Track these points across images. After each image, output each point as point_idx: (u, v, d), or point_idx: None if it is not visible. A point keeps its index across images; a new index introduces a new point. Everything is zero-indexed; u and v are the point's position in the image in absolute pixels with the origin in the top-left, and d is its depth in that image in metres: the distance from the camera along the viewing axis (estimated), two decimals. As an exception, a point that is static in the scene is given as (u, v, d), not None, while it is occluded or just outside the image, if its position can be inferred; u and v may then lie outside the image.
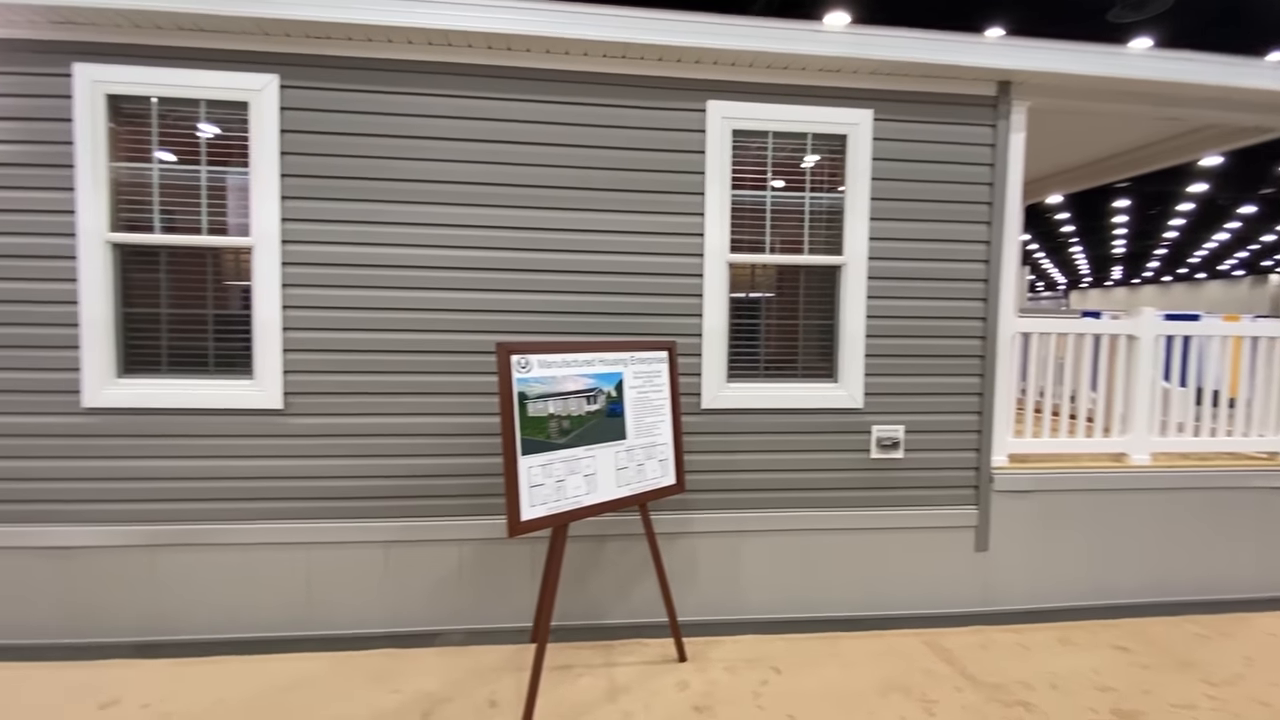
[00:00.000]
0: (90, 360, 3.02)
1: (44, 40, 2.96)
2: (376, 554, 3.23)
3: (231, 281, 3.16)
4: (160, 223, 3.07)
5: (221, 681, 2.81)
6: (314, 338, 3.14)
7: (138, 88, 3.00)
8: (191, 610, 3.16)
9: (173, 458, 3.10)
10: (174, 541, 3.13)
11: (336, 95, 3.10)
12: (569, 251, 3.25)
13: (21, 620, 3.09)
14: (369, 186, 3.13)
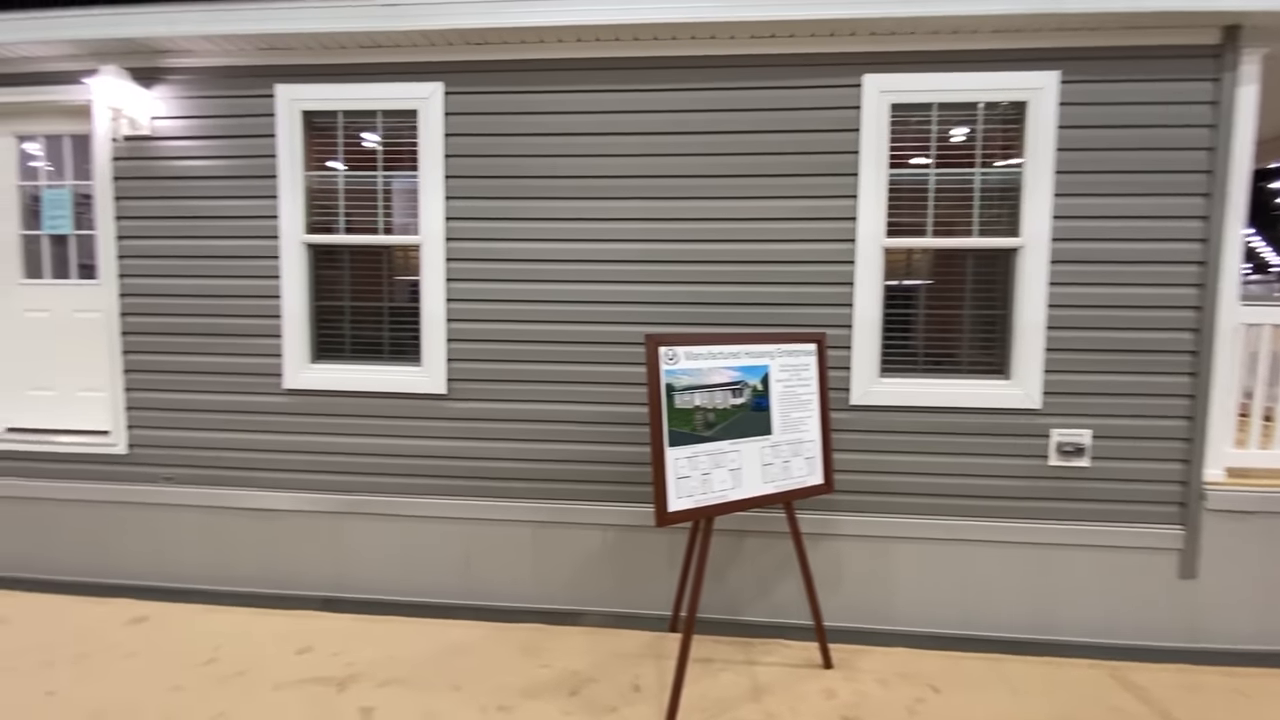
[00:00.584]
0: (289, 347, 3.44)
1: (251, 65, 3.38)
2: (526, 533, 3.40)
3: (403, 277, 3.44)
4: (345, 224, 3.41)
5: (394, 640, 3.09)
6: (474, 328, 3.34)
7: (327, 103, 3.34)
8: (368, 573, 3.51)
9: (354, 435, 3.45)
10: (354, 510, 3.48)
11: (493, 98, 3.26)
12: (715, 241, 3.19)
13: (230, 570, 3.59)
14: (524, 184, 3.27)
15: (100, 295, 3.66)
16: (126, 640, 3.05)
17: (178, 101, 3.44)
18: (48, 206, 3.70)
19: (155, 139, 3.46)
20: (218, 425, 3.53)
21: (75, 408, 3.76)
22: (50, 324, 3.75)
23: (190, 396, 3.54)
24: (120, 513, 3.63)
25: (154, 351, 3.54)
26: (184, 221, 3.47)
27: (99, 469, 3.63)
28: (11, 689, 2.64)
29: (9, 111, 3.62)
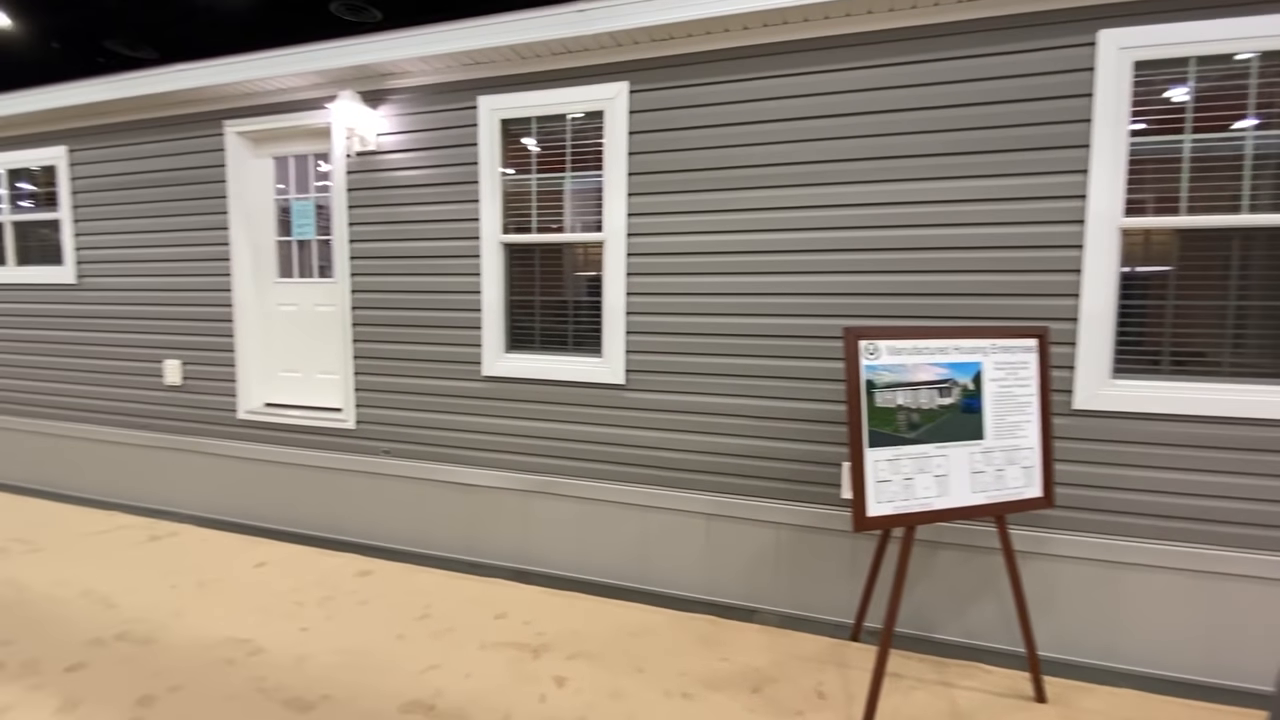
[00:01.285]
0: (487, 338, 3.74)
1: (457, 81, 3.70)
2: (700, 524, 3.42)
3: (586, 273, 3.60)
4: (536, 224, 3.63)
5: (578, 615, 3.27)
6: (653, 321, 3.41)
7: (521, 110, 3.57)
8: (552, 549, 3.75)
9: (541, 420, 3.69)
10: (541, 490, 3.73)
11: (676, 93, 3.28)
12: (915, 226, 2.96)
13: (432, 536, 4.01)
14: (705, 177, 3.26)
15: (335, 291, 4.24)
16: (358, 589, 3.52)
17: (396, 119, 3.87)
18: (295, 216, 4.36)
19: (379, 153, 3.92)
20: (426, 407, 3.95)
21: (316, 388, 4.41)
22: (297, 316, 4.43)
23: (405, 380, 3.99)
24: (348, 479, 4.20)
25: (376, 340, 4.04)
26: (401, 225, 3.91)
27: (333, 440, 4.23)
28: (274, 622, 3.16)
29: (268, 137, 4.30)
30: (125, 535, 4.28)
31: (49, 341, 5.08)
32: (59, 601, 3.33)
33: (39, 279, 5.05)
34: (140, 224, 4.65)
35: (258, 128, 4.21)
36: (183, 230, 4.51)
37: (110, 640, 2.96)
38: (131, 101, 4.42)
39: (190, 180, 4.45)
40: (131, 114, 4.55)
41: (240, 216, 4.34)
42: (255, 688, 2.62)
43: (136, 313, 4.73)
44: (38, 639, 2.96)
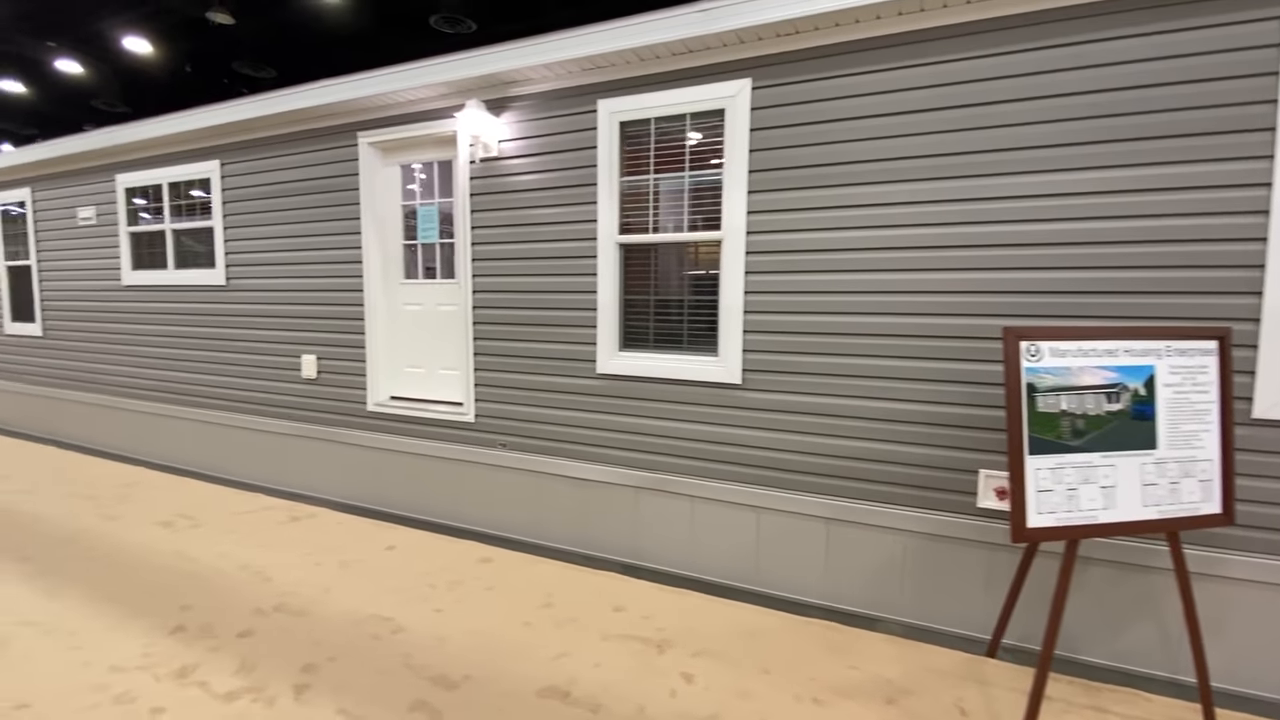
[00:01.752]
0: (602, 336, 3.82)
1: (577, 86, 3.79)
2: (819, 529, 3.36)
3: (701, 271, 3.60)
4: (653, 224, 3.67)
5: (695, 613, 3.28)
6: (772, 321, 3.37)
7: (641, 112, 3.62)
8: (663, 546, 3.78)
9: (653, 417, 3.73)
10: (652, 486, 3.77)
11: (802, 87, 3.22)
12: (1078, 220, 2.77)
13: (546, 528, 4.13)
14: (835, 172, 3.19)
15: (456, 291, 4.46)
16: (482, 576, 3.69)
17: (518, 125, 4.01)
18: (421, 221, 4.61)
19: (500, 159, 4.08)
20: (542, 402, 4.08)
21: (438, 382, 4.66)
22: (421, 315, 4.69)
23: (522, 376, 4.14)
24: (468, 470, 4.41)
25: (495, 338, 4.21)
26: (520, 228, 4.06)
27: (453, 433, 4.45)
28: (411, 603, 3.36)
29: (396, 146, 4.58)
30: (270, 516, 4.68)
31: (203, 338, 5.62)
32: (222, 573, 3.69)
33: (195, 281, 5.60)
34: (281, 230, 5.06)
35: (388, 138, 4.49)
36: (319, 235, 4.88)
37: (270, 611, 3.24)
38: (276, 118, 4.81)
39: (326, 189, 4.80)
40: (275, 129, 4.96)
41: (371, 222, 4.65)
42: (403, 663, 2.79)
43: (277, 311, 5.16)
44: (210, 606, 3.28)
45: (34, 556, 3.88)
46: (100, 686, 2.59)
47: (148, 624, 3.08)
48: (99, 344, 6.43)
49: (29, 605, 3.25)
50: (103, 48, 16.42)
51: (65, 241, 6.59)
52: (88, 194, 6.30)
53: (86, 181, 6.29)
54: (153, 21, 15.41)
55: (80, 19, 15.06)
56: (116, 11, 14.91)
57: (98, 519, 4.55)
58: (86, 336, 6.53)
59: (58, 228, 6.64)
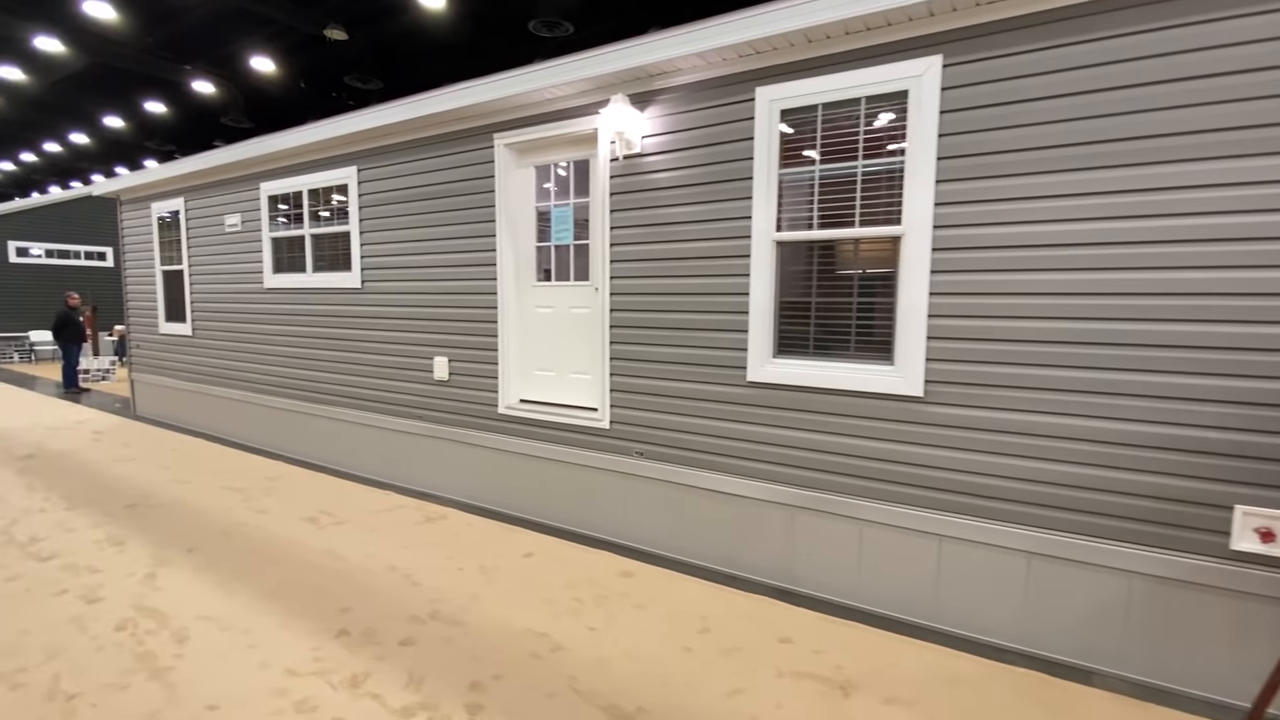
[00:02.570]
0: (754, 342, 3.57)
1: (731, 74, 3.55)
2: (1017, 563, 2.95)
3: (872, 270, 3.27)
4: (817, 219, 3.38)
5: (872, 650, 2.96)
6: (962, 325, 3.00)
7: (805, 99, 3.33)
8: (821, 571, 3.48)
9: (812, 431, 3.43)
10: (810, 506, 3.48)
11: (1008, 62, 2.84)
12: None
13: (685, 542, 3.92)
14: (1038, 157, 2.79)
15: (591, 294, 4.33)
16: (627, 591, 3.52)
17: (662, 119, 3.82)
18: (555, 222, 4.52)
19: (643, 156, 3.90)
20: (684, 410, 3.87)
21: (568, 386, 4.55)
22: (552, 318, 4.59)
23: (662, 383, 3.95)
24: (600, 478, 4.27)
25: (634, 342, 4.04)
26: (663, 228, 3.86)
27: (586, 439, 4.32)
28: (562, 618, 3.23)
29: (532, 147, 4.50)
30: (404, 515, 4.73)
31: (338, 339, 5.81)
32: (372, 574, 3.70)
33: (331, 284, 5.79)
34: (415, 233, 5.12)
35: (524, 139, 4.42)
36: (453, 238, 4.89)
37: (426, 618, 3.20)
38: (414, 122, 4.86)
39: (460, 192, 4.80)
40: (412, 134, 5.02)
41: (505, 224, 4.60)
42: (569, 686, 2.65)
43: (411, 314, 5.23)
44: (368, 609, 3.28)
45: (199, 547, 4.06)
46: (280, 691, 2.58)
47: (313, 625, 3.10)
48: (242, 343, 6.81)
49: (205, 599, 3.36)
50: (231, 68, 17.78)
51: (213, 247, 7.03)
52: (234, 202, 6.68)
53: (233, 190, 6.68)
54: (275, 41, 16.52)
55: (214, 43, 16.34)
56: (245, 33, 16.08)
57: (249, 512, 4.74)
58: (231, 336, 6.94)
59: (207, 234, 7.10)
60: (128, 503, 4.91)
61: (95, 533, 4.28)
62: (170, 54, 16.59)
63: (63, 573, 3.66)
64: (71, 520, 4.51)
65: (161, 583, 3.55)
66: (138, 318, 8.38)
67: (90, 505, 4.84)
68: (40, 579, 3.58)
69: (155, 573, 3.67)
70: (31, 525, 4.41)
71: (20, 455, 6.32)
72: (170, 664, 2.77)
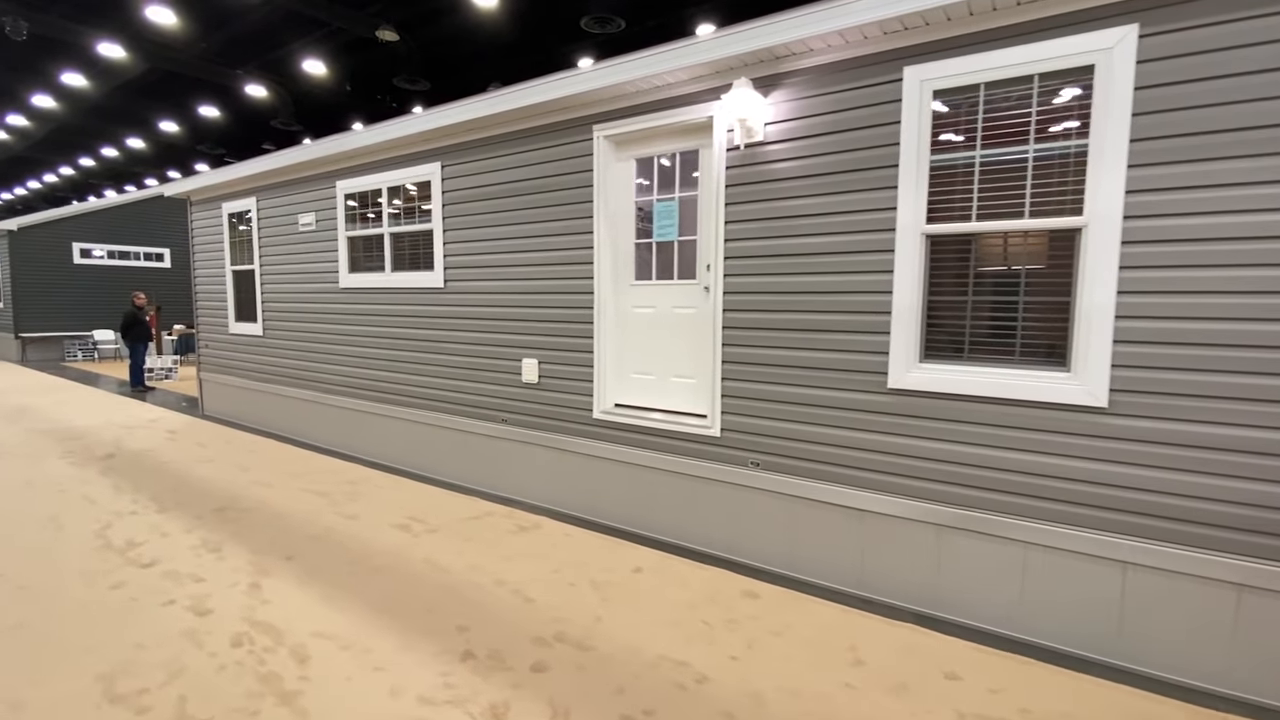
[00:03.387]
0: (898, 345, 3.27)
1: (874, 54, 3.26)
2: (1224, 595, 2.61)
3: (1043, 266, 2.96)
4: (976, 210, 3.07)
5: (1056, 691, 2.65)
6: (1159, 329, 2.67)
7: (964, 78, 3.03)
8: (973, 597, 3.17)
9: (968, 443, 3.13)
10: (961, 525, 3.17)
11: (1210, 32, 2.50)
12: None
13: (805, 559, 3.64)
14: (1253, 139, 2.44)
15: (696, 293, 4.08)
16: (757, 614, 3.25)
17: (789, 105, 3.55)
18: (657, 217, 4.28)
19: (765, 144, 3.64)
20: (809, 419, 3.59)
21: (670, 391, 4.31)
22: (653, 318, 4.36)
23: (783, 389, 3.67)
24: (709, 489, 4.02)
25: (750, 345, 3.78)
26: (788, 221, 3.59)
27: (693, 447, 4.07)
28: (696, 644, 2.98)
29: (634, 138, 4.27)
30: (495, 523, 4.54)
31: (418, 339, 5.67)
32: (480, 588, 3.51)
33: (411, 284, 5.65)
34: (503, 231, 4.94)
35: (627, 130, 4.19)
36: (545, 236, 4.69)
37: (551, 640, 2.98)
38: (506, 115, 4.67)
39: (555, 187, 4.60)
40: (502, 127, 4.84)
41: (604, 219, 4.38)
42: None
43: (498, 314, 5.05)
44: (487, 629, 3.08)
45: (296, 555, 3.92)
46: (420, 722, 2.39)
47: (436, 646, 2.91)
48: (316, 344, 6.74)
49: (315, 613, 3.20)
50: (281, 71, 18.02)
51: (286, 247, 6.98)
52: (308, 201, 6.60)
53: (307, 189, 6.60)
54: (325, 44, 16.68)
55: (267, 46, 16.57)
56: (297, 36, 16.25)
57: (337, 517, 4.60)
58: (304, 336, 6.88)
59: (279, 234, 7.05)
60: (216, 506, 4.83)
61: (190, 537, 4.18)
62: (224, 58, 16.90)
63: (166, 581, 3.55)
64: (164, 524, 4.43)
65: (268, 593, 3.41)
66: (207, 318, 8.41)
67: (179, 508, 4.76)
68: (145, 587, 3.47)
69: (259, 583, 3.54)
70: (126, 528, 4.33)
71: (101, 455, 6.33)
72: (297, 687, 2.60)
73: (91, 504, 4.82)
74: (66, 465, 5.91)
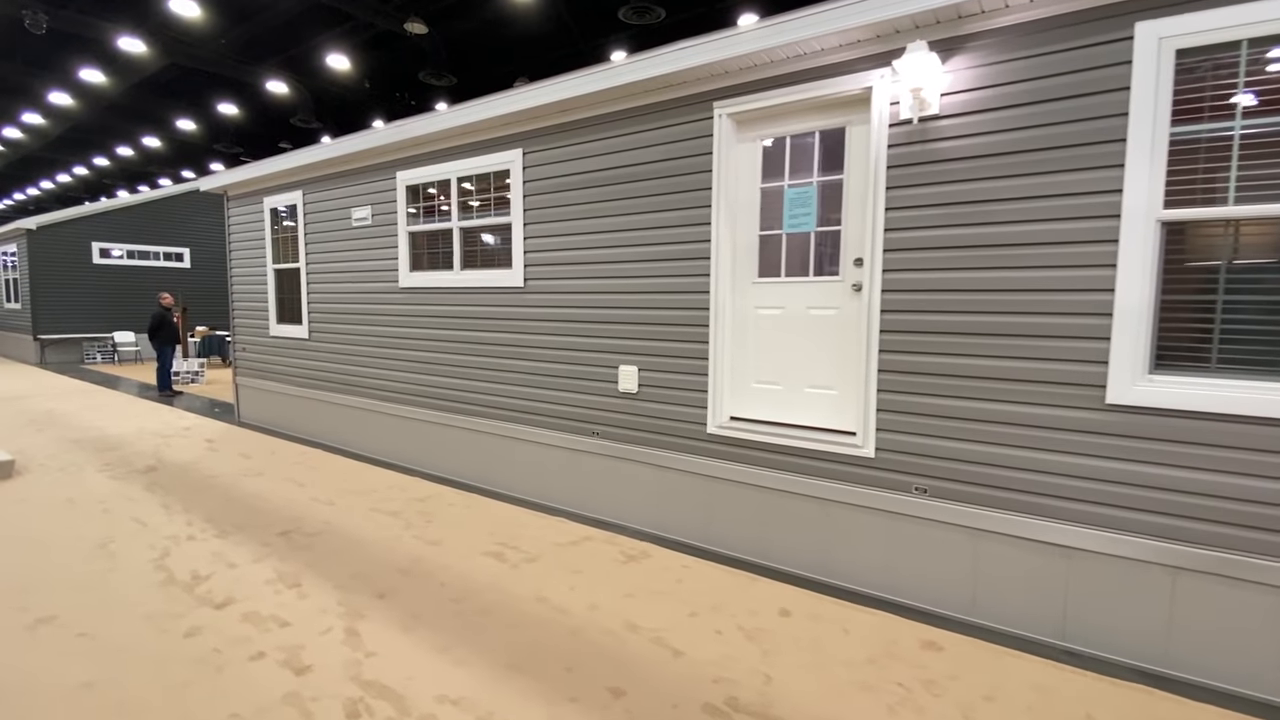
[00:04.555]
0: (1120, 353, 2.75)
1: (1093, 8, 2.75)
2: None
3: (1329, 258, 2.43)
4: (1236, 193, 2.55)
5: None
6: None
7: (1217, 34, 2.51)
8: (1216, 652, 2.65)
9: (1221, 471, 2.60)
10: (1203, 568, 2.65)
11: None
12: None
13: (999, 606, 3.12)
14: None
15: (841, 292, 3.58)
16: (953, 671, 2.74)
17: (974, 72, 3.04)
18: (791, 205, 3.77)
19: (940, 119, 3.13)
20: (998, 439, 3.07)
21: (802, 404, 3.79)
22: (782, 320, 3.84)
23: (959, 403, 3.16)
24: (858, 517, 3.50)
25: (916, 351, 3.27)
26: (970, 207, 3.08)
27: (836, 468, 3.56)
28: (902, 715, 2.46)
29: (763, 116, 3.76)
30: (596, 550, 4.03)
31: (492, 344, 5.17)
32: (614, 636, 3.00)
33: (485, 283, 5.16)
34: (595, 224, 4.44)
35: (755, 106, 3.69)
36: (650, 228, 4.19)
37: (725, 708, 2.48)
38: (604, 94, 4.18)
39: (664, 173, 4.09)
40: (599, 108, 4.34)
41: (724, 208, 3.87)
42: (1011, 842, 1.88)
43: (589, 316, 4.55)
44: (644, 692, 2.57)
45: (388, 591, 3.43)
46: (617, 835, 1.87)
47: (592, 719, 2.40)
48: (370, 347, 6.25)
49: (435, 672, 2.70)
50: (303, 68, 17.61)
51: (336, 243, 6.50)
52: (363, 194, 6.12)
53: (362, 181, 6.12)
54: (350, 38, 16.25)
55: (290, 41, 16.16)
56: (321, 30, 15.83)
57: (419, 543, 4.11)
58: (355, 339, 6.39)
59: (328, 229, 6.57)
60: (280, 529, 4.34)
61: (261, 569, 3.68)
62: (245, 54, 16.48)
63: (247, 625, 3.05)
64: (228, 551, 3.94)
65: (369, 642, 2.91)
66: (244, 319, 7.94)
67: (240, 531, 4.27)
68: (225, 634, 2.97)
69: (355, 628, 3.04)
70: (186, 557, 3.84)
71: (142, 467, 5.86)
72: (444, 779, 2.09)
73: (143, 527, 4.34)
74: (107, 479, 5.43)
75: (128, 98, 19.25)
